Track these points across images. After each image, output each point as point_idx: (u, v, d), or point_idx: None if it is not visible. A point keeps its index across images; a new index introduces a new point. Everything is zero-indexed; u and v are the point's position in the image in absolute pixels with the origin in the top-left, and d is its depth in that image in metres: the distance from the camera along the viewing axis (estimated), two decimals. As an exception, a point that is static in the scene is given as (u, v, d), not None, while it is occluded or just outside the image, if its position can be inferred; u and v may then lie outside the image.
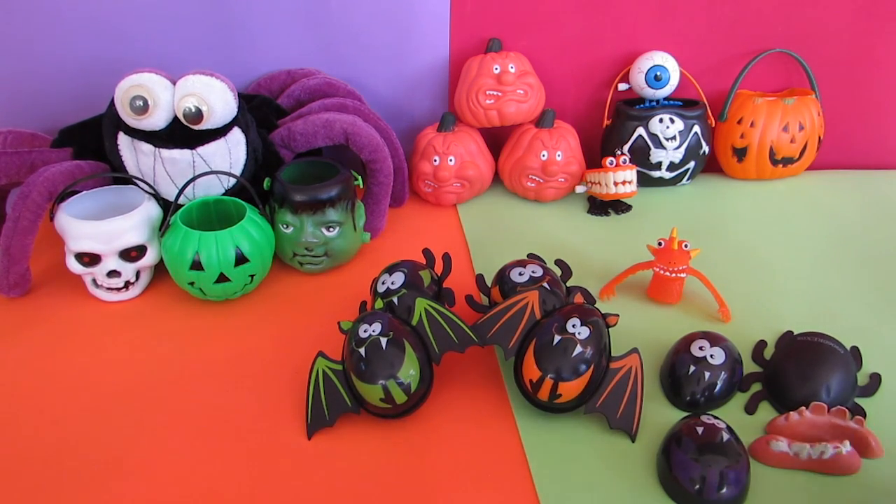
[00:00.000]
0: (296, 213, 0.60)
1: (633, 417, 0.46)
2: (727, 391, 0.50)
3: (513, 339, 0.47)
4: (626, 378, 0.46)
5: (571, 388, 0.45)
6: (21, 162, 0.60)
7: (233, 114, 0.61)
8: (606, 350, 0.47)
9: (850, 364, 0.51)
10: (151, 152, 0.60)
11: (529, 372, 0.46)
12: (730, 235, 0.71)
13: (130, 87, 0.57)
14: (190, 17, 0.70)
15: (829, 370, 0.50)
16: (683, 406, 0.50)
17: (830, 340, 0.52)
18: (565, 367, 0.45)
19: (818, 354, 0.51)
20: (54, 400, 0.50)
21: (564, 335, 0.45)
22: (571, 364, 0.45)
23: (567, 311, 0.47)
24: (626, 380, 0.46)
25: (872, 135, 0.85)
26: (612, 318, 0.48)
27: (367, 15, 0.74)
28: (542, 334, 0.46)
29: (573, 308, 0.48)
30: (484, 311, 0.52)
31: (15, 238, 0.57)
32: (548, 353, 0.46)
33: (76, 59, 0.70)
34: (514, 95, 0.73)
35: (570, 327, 0.46)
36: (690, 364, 0.50)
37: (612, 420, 0.46)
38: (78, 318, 0.58)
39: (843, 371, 0.50)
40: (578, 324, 0.46)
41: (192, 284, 0.57)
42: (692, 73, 0.79)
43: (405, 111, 0.80)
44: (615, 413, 0.46)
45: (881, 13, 0.77)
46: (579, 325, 0.46)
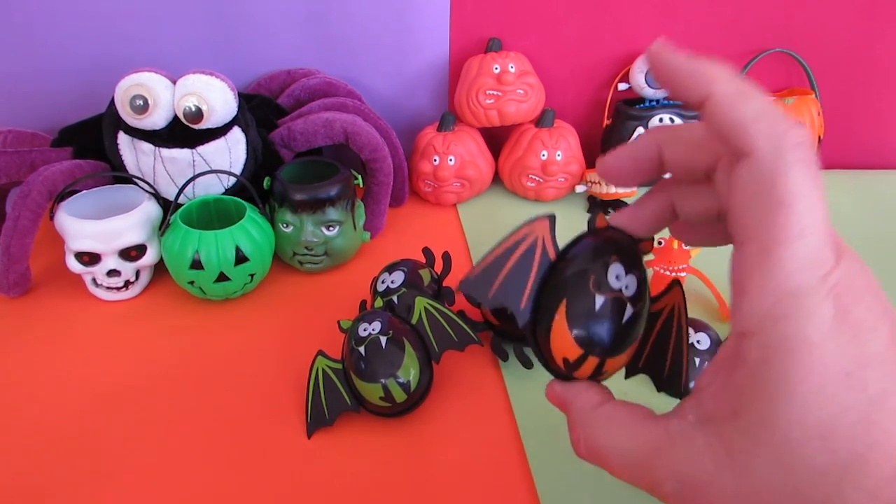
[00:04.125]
0: (296, 212, 0.60)
1: (682, 371, 0.33)
2: None
3: (523, 296, 0.30)
4: (669, 323, 0.33)
5: (620, 361, 0.30)
6: (21, 161, 0.60)
7: (233, 113, 0.61)
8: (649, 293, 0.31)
9: None
10: (151, 151, 0.60)
11: (563, 348, 0.29)
12: (730, 235, 0.71)
13: (130, 87, 0.57)
14: (190, 16, 0.70)
15: None
16: (675, 392, 0.51)
17: None
18: (616, 339, 0.28)
19: None
20: (54, 399, 0.50)
21: (609, 294, 0.28)
22: (624, 334, 0.29)
23: (600, 251, 0.29)
24: (669, 325, 0.33)
25: (872, 135, 0.85)
26: (646, 245, 0.32)
27: (367, 15, 0.74)
28: (574, 293, 0.29)
29: (606, 244, 0.29)
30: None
31: (15, 237, 0.57)
32: (590, 322, 0.28)
33: (76, 58, 0.70)
34: (514, 95, 0.73)
35: (613, 280, 0.29)
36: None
37: (658, 381, 0.33)
38: (78, 317, 0.58)
39: None
40: (622, 272, 0.29)
41: (192, 283, 0.57)
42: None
43: (405, 111, 0.80)
44: (661, 371, 0.33)
45: (881, 13, 0.77)
46: (623, 274, 0.29)
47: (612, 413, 0.26)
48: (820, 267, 0.20)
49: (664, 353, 0.32)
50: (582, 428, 0.26)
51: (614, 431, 0.25)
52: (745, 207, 0.21)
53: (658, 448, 0.23)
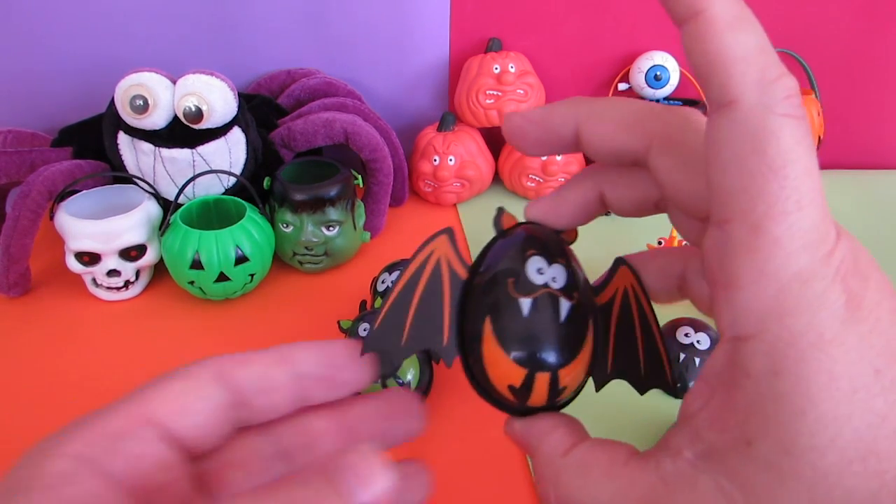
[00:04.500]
0: (296, 212, 0.60)
1: (662, 359, 0.25)
2: None
3: (443, 331, 0.24)
4: (626, 310, 0.26)
5: (577, 371, 0.24)
6: (21, 161, 0.60)
7: (233, 113, 0.61)
8: (587, 284, 0.25)
9: None
10: (151, 151, 0.60)
11: (504, 374, 0.24)
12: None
13: (130, 87, 0.57)
14: (190, 16, 0.70)
15: None
16: (674, 392, 0.51)
17: None
18: (562, 344, 0.23)
19: None
20: (54, 398, 0.50)
21: (534, 292, 0.23)
22: (569, 335, 0.23)
23: (514, 250, 0.24)
24: (627, 313, 0.25)
25: (872, 135, 0.85)
26: (569, 234, 0.26)
27: (367, 15, 0.74)
28: (495, 306, 0.23)
29: (520, 242, 0.25)
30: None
31: (15, 237, 0.57)
32: (523, 333, 0.23)
33: (76, 58, 0.70)
34: (514, 95, 0.73)
35: (535, 276, 0.23)
36: (679, 352, 0.51)
37: (638, 383, 0.25)
38: (78, 317, 0.58)
39: None
40: (545, 264, 0.24)
41: (192, 283, 0.57)
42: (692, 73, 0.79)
43: (405, 111, 0.80)
44: (637, 369, 0.25)
45: (881, 13, 0.77)
46: (546, 265, 0.24)
47: (586, 458, 0.21)
48: (822, 244, 0.16)
49: (633, 347, 0.25)
50: (552, 480, 0.21)
51: (592, 481, 0.20)
52: (726, 173, 0.17)
53: (651, 499, 0.18)
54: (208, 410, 0.21)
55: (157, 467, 0.20)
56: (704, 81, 0.17)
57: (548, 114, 0.22)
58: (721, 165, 0.17)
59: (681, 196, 0.20)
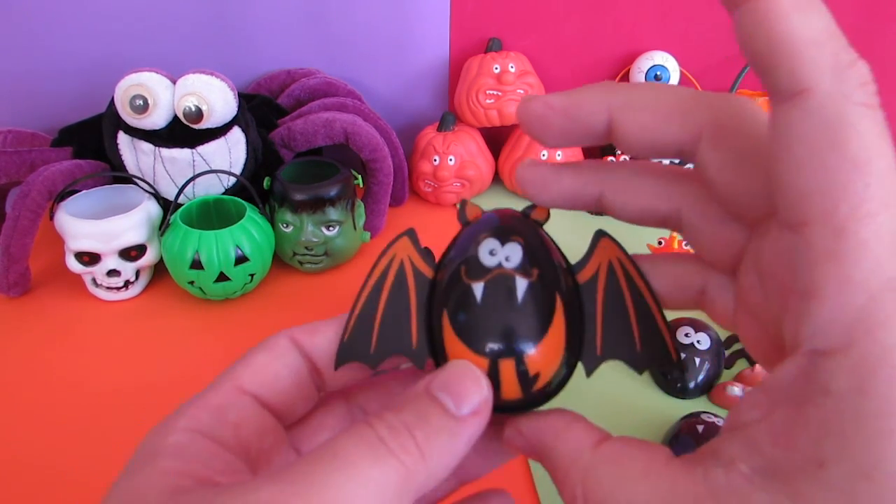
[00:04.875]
0: (296, 212, 0.60)
1: (661, 335, 0.22)
2: (715, 374, 0.51)
3: (411, 334, 0.23)
4: (614, 285, 0.23)
5: (547, 355, 0.21)
6: (21, 161, 0.60)
7: (233, 113, 0.61)
8: (563, 263, 0.23)
9: None
10: (151, 151, 0.60)
11: None
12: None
13: (130, 87, 0.57)
14: (190, 17, 0.70)
15: None
16: (675, 393, 0.51)
17: None
18: (522, 326, 0.21)
19: None
20: (53, 398, 0.50)
21: (486, 276, 0.22)
22: (528, 316, 0.21)
23: (472, 239, 0.23)
24: (615, 288, 0.23)
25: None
26: (539, 212, 0.24)
27: (367, 15, 0.74)
28: (449, 297, 0.22)
29: (479, 229, 0.23)
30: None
31: (15, 237, 0.57)
32: (477, 320, 0.22)
33: (76, 58, 0.70)
34: (514, 95, 0.73)
35: (486, 258, 0.22)
36: (680, 352, 0.51)
37: (635, 361, 0.22)
38: (78, 316, 0.58)
39: None
40: (497, 245, 0.22)
41: (192, 283, 0.57)
42: (692, 73, 0.79)
43: (405, 111, 0.80)
44: (632, 348, 0.22)
45: (881, 13, 0.77)
46: (499, 246, 0.22)
47: (620, 455, 0.18)
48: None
49: (625, 324, 0.23)
50: (579, 477, 0.18)
51: (630, 480, 0.17)
52: (800, 170, 0.15)
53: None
54: (292, 377, 0.22)
55: (257, 433, 0.21)
56: (768, 69, 0.15)
57: (575, 100, 0.19)
58: (794, 162, 0.15)
59: (734, 195, 0.18)
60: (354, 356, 0.23)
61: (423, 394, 0.19)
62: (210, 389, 0.21)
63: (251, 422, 0.21)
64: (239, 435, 0.20)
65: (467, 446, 0.19)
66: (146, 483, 0.18)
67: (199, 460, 0.19)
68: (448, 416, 0.19)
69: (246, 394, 0.21)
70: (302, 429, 0.24)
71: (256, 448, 0.21)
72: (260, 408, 0.22)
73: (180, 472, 0.18)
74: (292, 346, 0.23)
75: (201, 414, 0.20)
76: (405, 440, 0.18)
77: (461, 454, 0.19)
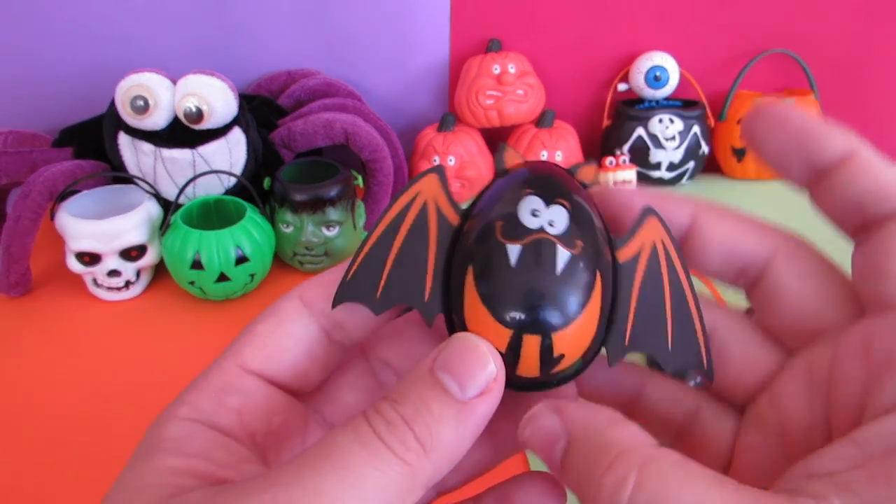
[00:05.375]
0: (296, 212, 0.60)
1: (695, 337, 0.21)
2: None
3: (425, 284, 0.20)
4: (654, 270, 0.20)
5: (578, 336, 0.19)
6: (22, 162, 0.60)
7: (233, 113, 0.61)
8: (606, 236, 0.20)
9: None
10: (152, 152, 0.60)
11: (483, 333, 0.19)
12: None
13: (131, 87, 0.57)
14: (190, 17, 0.70)
15: None
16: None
17: None
18: (558, 300, 0.19)
19: None
20: (54, 398, 0.50)
21: (526, 238, 0.19)
22: (566, 290, 0.19)
23: (511, 190, 0.20)
24: (655, 274, 0.20)
25: (872, 135, 0.85)
26: (586, 172, 0.22)
27: (367, 15, 0.74)
28: (479, 253, 0.19)
29: (520, 180, 0.20)
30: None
31: (15, 237, 0.57)
32: (508, 285, 0.19)
33: (77, 59, 0.70)
34: (514, 96, 0.73)
35: (527, 218, 0.19)
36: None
37: (664, 359, 0.20)
38: (78, 317, 0.58)
39: None
40: (542, 206, 0.19)
41: (192, 284, 0.57)
42: (692, 73, 0.79)
43: (405, 111, 0.80)
44: (663, 343, 0.20)
45: (881, 13, 0.77)
46: (544, 207, 0.19)
47: (688, 462, 0.16)
48: None
49: (660, 316, 0.20)
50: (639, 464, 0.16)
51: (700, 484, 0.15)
52: None
53: None
54: (300, 346, 0.20)
55: (264, 415, 0.20)
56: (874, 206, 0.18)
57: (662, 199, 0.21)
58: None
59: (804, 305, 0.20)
60: (356, 296, 0.20)
61: (426, 375, 0.18)
62: (212, 369, 0.20)
63: (257, 404, 0.20)
64: (243, 420, 0.19)
65: (476, 431, 0.18)
66: (142, 486, 0.18)
67: (199, 454, 0.18)
68: (451, 402, 0.17)
69: (249, 372, 0.20)
70: (322, 392, 0.22)
71: (265, 431, 0.20)
72: (266, 386, 0.20)
73: (178, 471, 0.17)
74: (301, 309, 0.21)
75: (201, 400, 0.19)
76: (405, 435, 0.17)
77: (469, 442, 0.18)
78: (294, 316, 0.21)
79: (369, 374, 0.23)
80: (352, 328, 0.21)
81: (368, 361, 0.23)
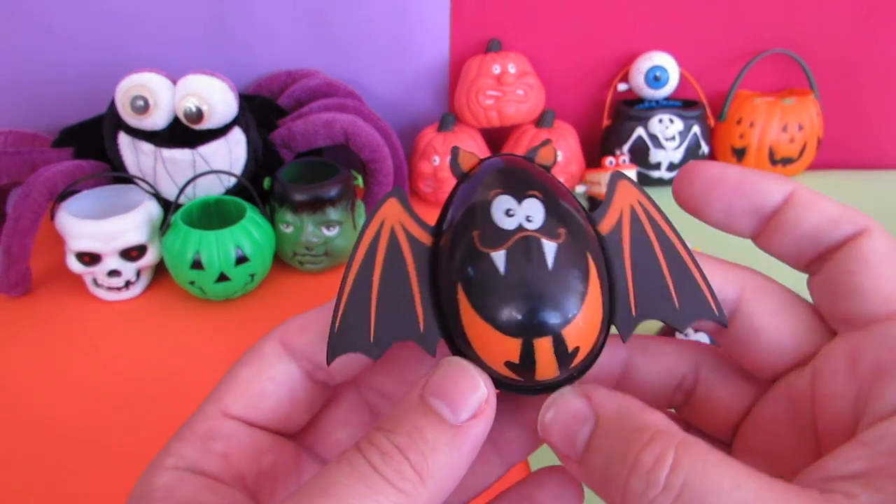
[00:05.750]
0: (296, 212, 0.60)
1: (698, 286, 0.20)
2: None
3: (416, 315, 0.19)
4: (639, 232, 0.20)
5: (588, 323, 0.18)
6: (22, 162, 0.60)
7: (233, 113, 0.61)
8: (583, 213, 0.20)
9: None
10: (152, 152, 0.60)
11: (493, 351, 0.18)
12: (729, 235, 0.71)
13: (131, 87, 0.57)
14: (191, 17, 0.70)
15: None
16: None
17: None
18: (560, 297, 0.18)
19: None
20: (54, 398, 0.50)
21: (507, 241, 0.18)
22: (565, 283, 0.18)
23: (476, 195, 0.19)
24: (641, 235, 0.20)
25: (872, 135, 0.85)
26: (545, 154, 0.21)
27: (367, 15, 0.74)
28: (464, 268, 0.18)
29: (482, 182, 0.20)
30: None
31: (15, 237, 0.57)
32: (503, 294, 0.18)
33: (77, 59, 0.70)
34: (514, 96, 0.73)
35: (503, 220, 0.18)
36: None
37: (675, 318, 0.20)
38: (78, 317, 0.58)
39: None
40: (514, 203, 0.19)
41: (192, 284, 0.57)
42: (692, 73, 0.79)
43: (405, 111, 0.80)
44: (670, 303, 0.20)
45: (881, 13, 0.77)
46: (517, 204, 0.19)
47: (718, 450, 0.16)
48: None
49: (658, 276, 0.20)
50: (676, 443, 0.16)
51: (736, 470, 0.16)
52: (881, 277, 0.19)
53: None
54: (282, 390, 0.21)
55: (251, 457, 0.20)
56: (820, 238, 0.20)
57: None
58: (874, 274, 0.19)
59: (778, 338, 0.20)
60: (350, 346, 0.19)
61: (417, 403, 0.18)
62: (195, 416, 0.20)
63: (242, 447, 0.20)
64: (230, 464, 0.19)
65: (472, 454, 0.18)
66: None
67: (188, 500, 0.18)
68: (445, 427, 0.17)
69: (232, 417, 0.20)
70: (314, 429, 0.22)
71: (255, 473, 0.20)
72: (250, 429, 0.20)
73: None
74: (281, 352, 0.21)
75: (186, 448, 0.19)
76: (400, 465, 0.17)
77: (465, 465, 0.18)
78: (274, 359, 0.21)
79: (361, 406, 0.23)
80: (335, 371, 0.21)
81: (360, 392, 0.23)
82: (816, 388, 0.19)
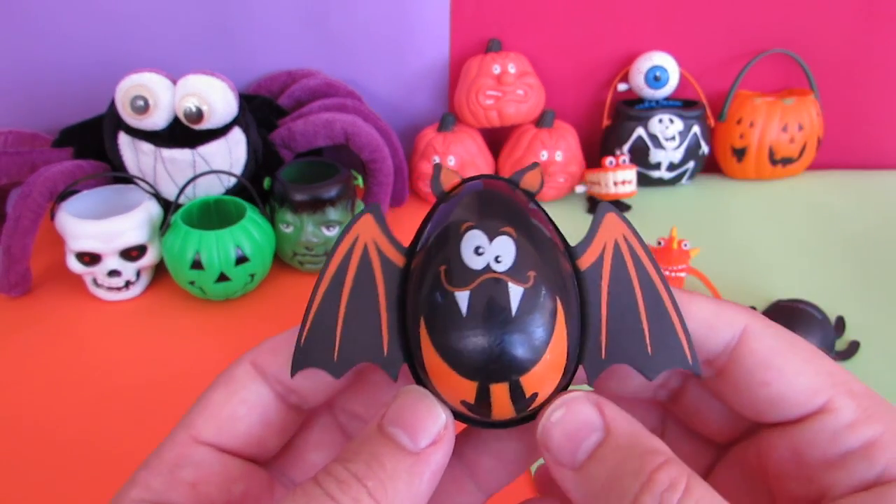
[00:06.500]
0: (296, 212, 0.60)
1: (675, 332, 0.19)
2: None
3: (381, 337, 0.19)
4: (620, 270, 0.19)
5: (547, 372, 0.18)
6: (22, 162, 0.60)
7: (233, 114, 0.61)
8: (562, 245, 0.19)
9: (827, 328, 0.54)
10: (152, 152, 0.60)
11: (449, 388, 0.18)
12: (729, 235, 0.71)
13: (131, 87, 0.58)
14: (191, 17, 0.70)
15: (804, 331, 0.53)
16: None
17: (810, 307, 0.54)
18: (519, 343, 0.17)
19: (795, 316, 0.54)
20: (54, 398, 0.50)
21: (472, 282, 0.17)
22: (527, 330, 0.17)
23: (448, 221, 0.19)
24: (622, 273, 0.19)
25: (872, 135, 0.85)
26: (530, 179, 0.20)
27: (367, 15, 0.74)
28: (429, 302, 0.18)
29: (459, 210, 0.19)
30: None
31: (15, 237, 0.57)
32: (462, 337, 0.17)
33: (77, 59, 0.70)
34: (514, 96, 0.73)
35: (471, 259, 0.18)
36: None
37: (645, 365, 0.19)
38: (78, 317, 0.58)
39: (820, 333, 0.53)
40: (484, 241, 0.18)
41: (192, 284, 0.57)
42: (692, 73, 0.79)
43: (405, 111, 0.80)
44: (641, 348, 0.19)
45: (881, 13, 0.77)
46: (487, 242, 0.18)
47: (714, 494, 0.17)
48: None
49: (634, 319, 0.19)
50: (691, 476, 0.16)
51: None
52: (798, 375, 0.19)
53: None
54: (254, 413, 0.20)
55: (221, 485, 0.19)
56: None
57: None
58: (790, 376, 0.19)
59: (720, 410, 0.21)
60: (313, 361, 0.19)
61: (376, 432, 0.17)
62: (165, 444, 0.20)
63: (212, 475, 0.19)
64: (198, 493, 0.19)
65: (432, 481, 0.17)
66: None
67: None
68: (403, 455, 0.17)
69: (202, 444, 0.19)
70: (288, 453, 0.22)
71: (224, 500, 0.19)
72: (221, 456, 0.20)
73: None
74: (253, 375, 0.20)
75: (152, 479, 0.19)
76: (358, 492, 0.16)
77: (427, 491, 0.17)
78: (246, 383, 0.20)
79: (335, 429, 0.22)
80: (307, 394, 0.21)
81: (334, 415, 0.23)
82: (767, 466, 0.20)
